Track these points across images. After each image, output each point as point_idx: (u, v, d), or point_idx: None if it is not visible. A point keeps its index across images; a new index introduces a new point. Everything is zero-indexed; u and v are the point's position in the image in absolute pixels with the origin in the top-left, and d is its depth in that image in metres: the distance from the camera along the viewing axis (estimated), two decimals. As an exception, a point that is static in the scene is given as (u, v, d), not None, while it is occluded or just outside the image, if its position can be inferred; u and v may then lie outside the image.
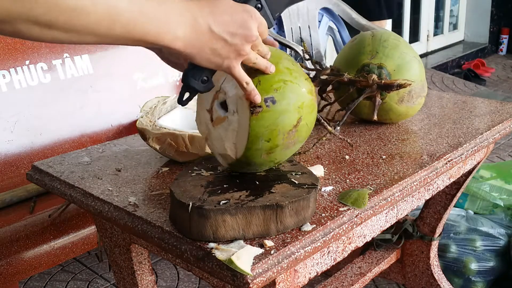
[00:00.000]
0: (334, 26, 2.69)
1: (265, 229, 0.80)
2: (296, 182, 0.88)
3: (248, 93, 0.82)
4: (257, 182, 0.88)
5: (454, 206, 1.98)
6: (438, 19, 5.13)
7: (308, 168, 0.97)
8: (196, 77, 0.80)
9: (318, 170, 1.02)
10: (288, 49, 2.38)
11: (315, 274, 0.95)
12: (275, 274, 0.76)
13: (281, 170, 0.93)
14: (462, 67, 4.82)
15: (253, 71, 0.83)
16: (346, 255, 1.01)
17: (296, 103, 0.85)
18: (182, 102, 0.84)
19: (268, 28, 0.83)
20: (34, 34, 0.65)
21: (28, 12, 0.62)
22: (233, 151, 0.87)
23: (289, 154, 0.91)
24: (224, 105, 0.88)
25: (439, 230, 1.71)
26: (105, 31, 0.68)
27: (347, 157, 1.11)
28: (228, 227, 0.79)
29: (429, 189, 1.21)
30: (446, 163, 1.10)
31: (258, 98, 0.82)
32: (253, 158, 0.86)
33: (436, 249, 1.76)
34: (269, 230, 0.81)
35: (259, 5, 0.82)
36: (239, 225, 0.79)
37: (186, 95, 0.83)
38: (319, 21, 2.61)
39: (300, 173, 0.92)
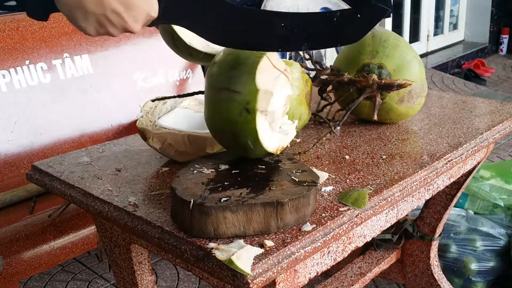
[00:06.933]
0: (334, 26, 2.68)
1: (266, 226, 0.81)
2: (297, 179, 0.88)
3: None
4: (258, 179, 0.88)
5: (454, 206, 1.98)
6: (438, 19, 5.13)
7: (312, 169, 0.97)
8: None
9: (322, 176, 1.01)
10: (288, 49, 2.36)
11: (315, 274, 0.95)
12: (275, 274, 0.76)
13: (281, 168, 0.94)
14: (462, 67, 4.82)
15: None
16: (346, 255, 1.01)
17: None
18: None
19: None
20: None
21: None
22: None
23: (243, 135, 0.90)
24: None
25: (439, 230, 1.71)
26: None
27: (347, 157, 1.11)
28: (229, 224, 0.79)
29: (429, 189, 1.21)
30: (446, 163, 1.10)
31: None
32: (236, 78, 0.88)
33: (436, 249, 1.76)
34: (269, 227, 0.81)
35: None
36: (240, 222, 0.80)
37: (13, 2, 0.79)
38: (319, 21, 2.61)
39: (300, 171, 0.92)
